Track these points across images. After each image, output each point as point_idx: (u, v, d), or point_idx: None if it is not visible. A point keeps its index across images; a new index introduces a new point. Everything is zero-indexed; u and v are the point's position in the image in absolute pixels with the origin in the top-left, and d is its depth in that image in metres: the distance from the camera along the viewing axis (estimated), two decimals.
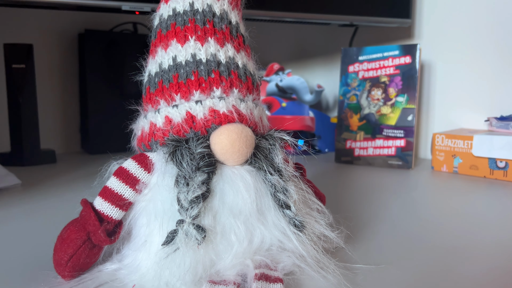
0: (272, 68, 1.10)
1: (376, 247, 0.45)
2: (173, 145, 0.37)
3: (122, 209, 0.38)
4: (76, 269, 0.37)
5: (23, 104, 0.89)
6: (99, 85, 1.01)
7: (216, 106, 0.39)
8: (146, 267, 0.36)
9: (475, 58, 0.92)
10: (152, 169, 0.38)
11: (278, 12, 0.85)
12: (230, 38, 0.41)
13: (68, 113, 1.07)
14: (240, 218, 0.37)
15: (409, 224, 0.53)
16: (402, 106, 0.90)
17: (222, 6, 0.42)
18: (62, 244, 0.37)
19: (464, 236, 0.49)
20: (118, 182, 0.38)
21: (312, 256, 0.38)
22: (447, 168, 0.85)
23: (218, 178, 0.37)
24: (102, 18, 1.06)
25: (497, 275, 0.39)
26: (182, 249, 0.34)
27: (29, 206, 0.61)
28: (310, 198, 0.42)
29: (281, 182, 0.39)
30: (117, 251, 0.39)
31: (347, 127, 0.95)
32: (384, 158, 0.91)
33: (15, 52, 0.88)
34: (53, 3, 0.71)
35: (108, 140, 0.99)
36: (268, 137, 0.40)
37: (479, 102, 0.92)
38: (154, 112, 0.40)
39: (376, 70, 0.93)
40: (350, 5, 0.90)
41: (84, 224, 0.37)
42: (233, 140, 0.37)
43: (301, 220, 0.38)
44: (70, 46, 1.05)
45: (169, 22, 0.41)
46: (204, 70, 0.39)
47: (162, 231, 0.36)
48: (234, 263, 0.36)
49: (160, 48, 0.41)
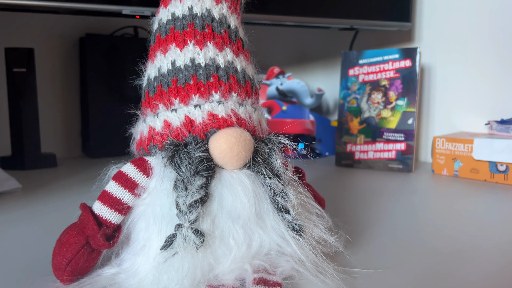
0: (272, 72, 1.11)
1: (376, 251, 0.45)
2: (171, 149, 0.37)
3: (121, 213, 0.38)
4: (74, 273, 0.37)
5: (24, 108, 0.89)
6: (100, 89, 1.02)
7: (214, 110, 0.39)
8: (145, 271, 0.36)
9: (475, 61, 0.92)
10: (151, 173, 0.38)
11: (278, 16, 0.85)
12: (229, 42, 0.41)
13: (69, 117, 1.07)
14: (238, 222, 0.37)
15: (409, 228, 0.53)
16: (403, 109, 0.90)
17: (221, 11, 0.42)
18: (61, 248, 0.37)
19: (465, 240, 0.49)
20: (117, 186, 0.38)
21: (311, 261, 0.38)
22: (448, 172, 0.85)
23: (216, 182, 0.37)
24: (103, 22, 1.06)
25: (498, 279, 0.39)
26: (180, 253, 0.34)
27: (29, 210, 0.61)
28: (309, 202, 0.42)
29: (280, 186, 0.38)
30: (116, 255, 0.39)
31: (347, 130, 0.95)
32: (385, 162, 0.91)
33: (16, 56, 0.88)
34: (54, 7, 0.71)
35: (109, 144, 0.99)
36: (267, 141, 0.40)
37: (479, 105, 0.92)
38: (153, 116, 0.40)
39: (376, 73, 0.93)
40: (350, 9, 0.91)
41: (83, 228, 0.37)
42: (231, 144, 0.37)
43: (300, 224, 0.38)
44: (71, 50, 1.06)
45: (168, 27, 0.41)
46: (203, 74, 0.39)
47: (160, 236, 0.36)
48: (232, 267, 0.36)
49: (159, 53, 0.41)
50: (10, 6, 0.71)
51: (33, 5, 0.71)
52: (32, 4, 0.70)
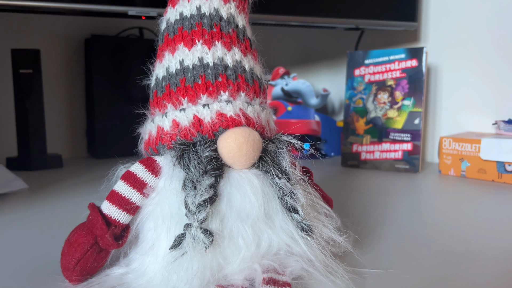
0: (277, 72, 1.10)
1: (385, 252, 0.45)
2: (180, 149, 0.37)
3: (129, 213, 0.38)
4: (83, 273, 0.37)
5: (30, 109, 0.89)
6: (106, 90, 1.02)
7: (223, 110, 0.39)
8: (154, 271, 0.35)
9: (482, 60, 0.91)
10: (160, 173, 0.38)
11: (283, 16, 0.85)
12: (237, 42, 0.41)
13: (75, 117, 1.08)
14: (247, 222, 0.36)
15: (417, 228, 0.53)
16: (409, 109, 0.89)
17: (229, 10, 0.42)
18: (69, 248, 0.37)
19: (473, 241, 0.49)
20: (126, 186, 0.38)
21: (320, 261, 0.37)
22: (455, 172, 0.84)
23: (225, 182, 0.37)
24: (109, 23, 1.07)
25: (506, 280, 0.39)
26: (189, 253, 0.34)
27: (36, 210, 0.61)
28: (317, 202, 0.41)
29: (289, 185, 0.38)
30: (124, 255, 0.39)
31: (353, 131, 0.95)
32: (391, 162, 0.91)
33: (23, 57, 0.88)
34: (60, 8, 0.72)
35: (115, 145, 0.99)
36: (275, 140, 0.40)
37: (486, 105, 0.91)
38: (161, 116, 0.40)
39: (382, 73, 0.92)
40: (356, 9, 0.90)
41: (92, 228, 0.37)
42: (240, 144, 0.37)
43: (309, 224, 0.38)
44: (76, 51, 1.06)
45: (176, 26, 0.41)
46: (211, 74, 0.39)
47: (169, 235, 0.35)
48: (242, 267, 0.35)
49: (167, 52, 0.41)
50: (16, 7, 0.71)
51: (39, 6, 0.71)
52: (38, 5, 0.71)
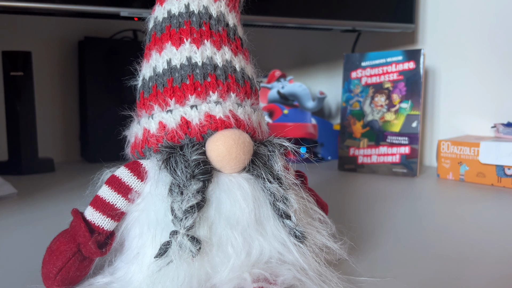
0: (273, 75, 1.09)
1: (381, 259, 0.43)
2: (167, 152, 0.36)
3: (114, 220, 0.36)
4: (65, 283, 0.35)
5: (21, 112, 0.88)
6: (99, 93, 1.00)
7: (212, 111, 0.37)
8: (139, 280, 0.34)
9: (480, 63, 0.90)
10: (145, 177, 0.37)
11: (279, 18, 0.84)
12: (227, 41, 0.40)
13: (68, 121, 1.06)
14: (237, 229, 0.35)
15: (415, 234, 0.52)
16: (406, 112, 0.88)
17: (219, 8, 0.40)
18: (51, 256, 0.35)
19: (472, 246, 0.47)
20: (110, 191, 0.36)
21: (314, 269, 0.36)
22: (453, 176, 0.83)
23: (214, 187, 0.35)
24: (102, 25, 1.05)
25: (506, 285, 0.37)
26: (175, 262, 0.33)
27: (24, 216, 0.59)
28: (311, 207, 0.40)
29: (281, 190, 0.37)
30: (109, 263, 0.38)
31: (350, 134, 0.94)
32: (389, 166, 0.89)
33: (13, 60, 0.87)
34: (52, 9, 0.70)
35: (108, 149, 0.97)
36: (267, 143, 0.39)
37: (485, 108, 0.90)
38: (147, 118, 0.39)
39: (379, 76, 0.91)
40: (353, 10, 0.89)
41: (74, 235, 0.35)
42: (230, 147, 0.36)
43: (302, 231, 0.36)
44: (70, 54, 1.05)
45: (164, 25, 0.40)
46: (199, 74, 0.38)
47: (155, 243, 0.34)
48: (231, 276, 0.34)
49: (154, 52, 0.40)
50: (8, 8, 0.70)
51: (31, 7, 0.70)
52: (29, 6, 0.69)
